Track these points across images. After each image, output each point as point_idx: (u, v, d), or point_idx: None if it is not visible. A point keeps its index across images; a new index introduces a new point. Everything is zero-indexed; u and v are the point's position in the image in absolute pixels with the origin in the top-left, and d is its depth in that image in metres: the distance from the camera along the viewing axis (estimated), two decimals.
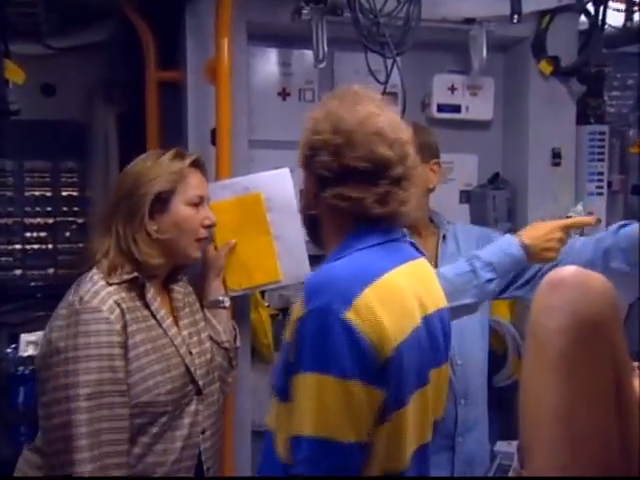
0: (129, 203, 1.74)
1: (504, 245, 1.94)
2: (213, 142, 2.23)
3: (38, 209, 3.27)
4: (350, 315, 1.23)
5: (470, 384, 2.22)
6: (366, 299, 1.25)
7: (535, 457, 1.01)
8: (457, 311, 1.77)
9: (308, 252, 2.04)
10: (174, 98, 2.64)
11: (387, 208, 1.34)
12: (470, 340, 2.24)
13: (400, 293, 1.31)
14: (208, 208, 1.87)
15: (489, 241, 2.08)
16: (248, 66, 2.47)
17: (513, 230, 2.75)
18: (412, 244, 1.50)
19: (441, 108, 2.70)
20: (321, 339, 1.22)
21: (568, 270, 1.11)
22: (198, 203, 1.82)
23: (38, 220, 3.27)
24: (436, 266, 2.21)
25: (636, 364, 1.91)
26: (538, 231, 1.97)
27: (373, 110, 1.36)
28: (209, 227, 1.86)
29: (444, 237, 2.29)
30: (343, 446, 1.21)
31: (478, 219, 2.74)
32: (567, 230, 1.96)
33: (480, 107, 2.75)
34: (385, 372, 1.24)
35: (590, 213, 2.77)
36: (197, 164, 1.86)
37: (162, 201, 1.76)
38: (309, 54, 2.43)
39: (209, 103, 2.24)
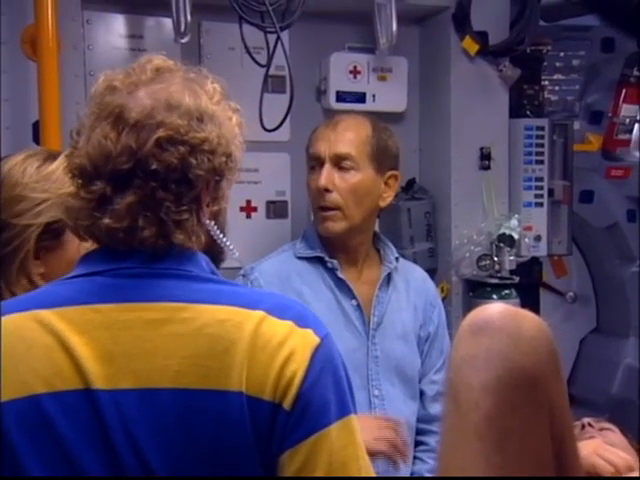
0: (3, 238, 1.56)
1: None
2: (36, 139, 2.19)
3: None
4: None
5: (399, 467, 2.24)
6: None
7: None
8: None
9: None
10: None
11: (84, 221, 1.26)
12: (393, 397, 2.28)
13: (12, 345, 1.24)
14: None
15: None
16: (84, 38, 2.42)
17: (434, 251, 2.83)
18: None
19: (341, 97, 2.73)
20: None
21: (494, 309, 1.14)
22: None
23: None
24: (369, 314, 2.26)
25: (585, 420, 2.00)
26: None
27: (121, 82, 1.28)
28: None
29: (388, 277, 2.32)
30: None
31: (390, 238, 2.76)
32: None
33: (390, 96, 2.80)
34: None
35: (528, 228, 2.87)
36: None
37: (52, 233, 1.59)
38: (168, 23, 2.41)
39: (30, 86, 2.19)
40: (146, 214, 1.22)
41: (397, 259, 2.36)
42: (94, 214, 1.24)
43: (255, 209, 2.72)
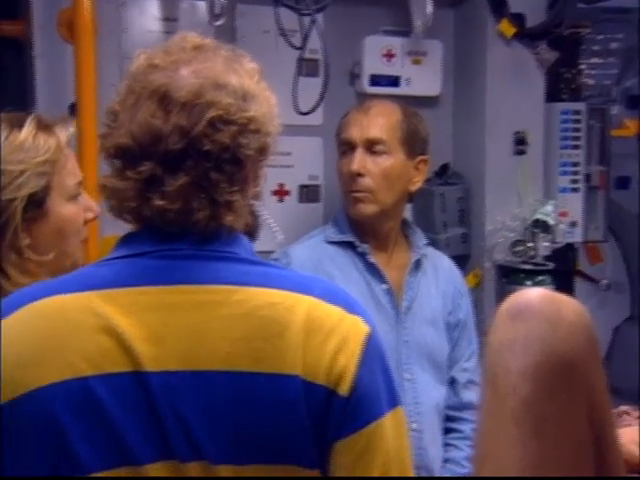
0: None
1: None
2: None
3: None
4: None
5: (429, 451, 2.27)
6: (9, 322, 1.21)
7: None
8: None
9: None
10: (18, 59, 2.55)
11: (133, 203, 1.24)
12: (424, 381, 2.29)
13: (57, 326, 1.22)
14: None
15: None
16: (120, 20, 2.44)
17: (467, 236, 2.82)
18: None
19: (375, 81, 2.72)
20: None
21: (533, 293, 1.12)
22: (78, 193, 1.67)
23: None
24: (399, 299, 2.29)
25: (622, 409, 1.99)
26: None
27: (163, 61, 1.25)
28: (93, 220, 1.72)
29: (417, 263, 2.34)
30: None
31: (422, 223, 2.77)
32: None
33: (424, 79, 2.79)
34: None
35: (563, 214, 2.85)
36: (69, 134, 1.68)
37: (35, 204, 1.59)
38: (202, 6, 2.42)
39: (66, 69, 2.21)
40: (200, 195, 1.21)
41: (426, 245, 2.38)
42: (145, 194, 1.22)
43: (288, 193, 2.72)
